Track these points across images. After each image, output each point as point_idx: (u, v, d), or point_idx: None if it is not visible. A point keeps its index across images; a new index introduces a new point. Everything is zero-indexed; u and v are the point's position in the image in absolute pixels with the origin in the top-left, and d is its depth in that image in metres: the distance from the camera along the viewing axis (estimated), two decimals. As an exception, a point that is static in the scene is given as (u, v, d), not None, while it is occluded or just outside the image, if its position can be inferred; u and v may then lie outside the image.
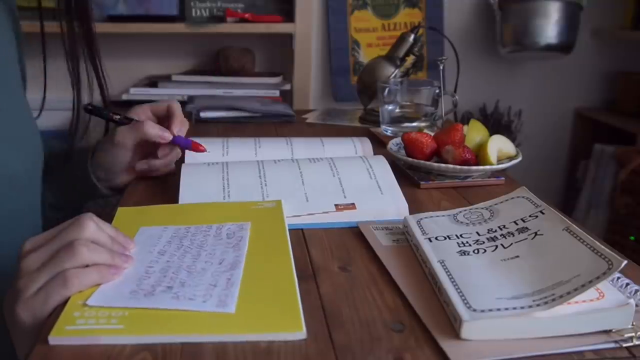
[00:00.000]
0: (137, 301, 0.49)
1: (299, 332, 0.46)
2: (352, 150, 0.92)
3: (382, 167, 0.80)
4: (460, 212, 0.66)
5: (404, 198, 0.73)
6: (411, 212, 0.72)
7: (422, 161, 0.85)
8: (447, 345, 0.45)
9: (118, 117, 0.81)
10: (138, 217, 0.66)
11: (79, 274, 0.50)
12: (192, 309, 0.48)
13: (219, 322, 0.47)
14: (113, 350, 0.44)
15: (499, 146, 0.86)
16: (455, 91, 1.23)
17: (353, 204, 0.72)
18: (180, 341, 0.45)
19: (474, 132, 0.88)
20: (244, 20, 1.59)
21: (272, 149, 0.90)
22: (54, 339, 0.44)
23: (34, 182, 0.78)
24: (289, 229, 0.64)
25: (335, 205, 0.71)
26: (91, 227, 0.53)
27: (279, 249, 0.59)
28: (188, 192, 0.73)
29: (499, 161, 0.85)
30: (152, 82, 1.62)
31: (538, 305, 0.46)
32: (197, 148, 0.82)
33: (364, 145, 0.93)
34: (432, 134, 0.89)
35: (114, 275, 0.52)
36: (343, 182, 0.76)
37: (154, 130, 0.78)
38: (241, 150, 0.88)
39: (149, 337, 0.45)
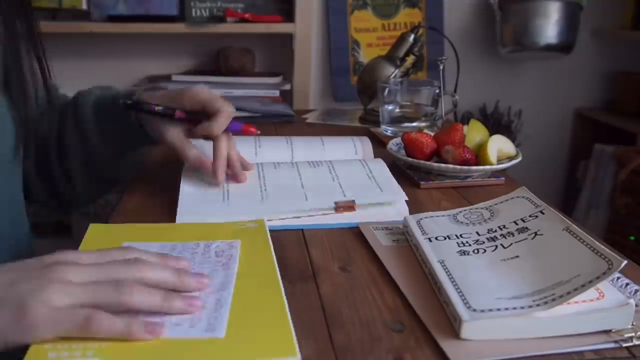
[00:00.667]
0: None
1: (293, 358, 0.42)
2: (352, 149, 0.92)
3: (381, 169, 0.80)
4: (460, 212, 0.66)
5: (403, 198, 0.73)
6: (411, 212, 0.72)
7: (422, 161, 0.85)
8: (447, 345, 0.45)
9: (160, 108, 0.75)
10: (120, 234, 0.61)
11: (110, 322, 0.42)
12: (178, 336, 0.43)
13: (208, 349, 0.42)
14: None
15: (499, 146, 0.86)
16: (455, 91, 1.23)
17: (353, 204, 0.72)
18: None
19: (474, 132, 0.88)
20: (244, 20, 1.59)
21: (272, 147, 0.90)
22: None
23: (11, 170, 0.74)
24: (289, 230, 0.64)
25: (335, 205, 0.71)
26: (146, 269, 0.47)
27: (266, 270, 0.55)
28: (188, 192, 0.73)
29: (499, 161, 0.85)
30: (152, 81, 1.62)
31: (538, 305, 0.46)
32: (248, 130, 0.78)
33: (364, 145, 0.93)
34: (432, 134, 0.89)
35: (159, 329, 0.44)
36: (342, 184, 0.76)
37: (195, 160, 0.75)
38: (240, 149, 0.88)
39: None
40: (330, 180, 0.77)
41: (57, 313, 0.42)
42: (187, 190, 0.73)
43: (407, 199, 0.73)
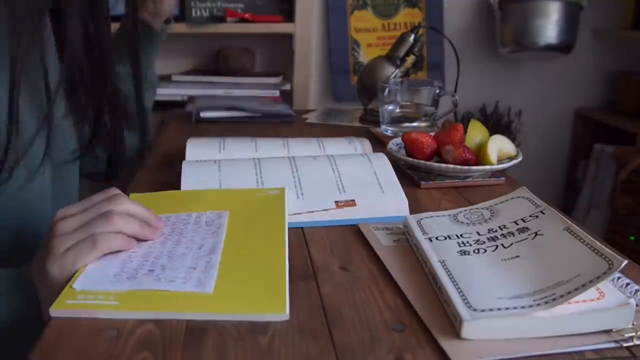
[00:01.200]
0: (120, 284, 0.51)
1: (282, 314, 0.47)
2: (351, 151, 0.92)
3: (383, 164, 0.80)
4: (461, 212, 0.66)
5: (404, 195, 0.73)
6: (411, 212, 0.72)
7: (422, 161, 0.85)
8: (448, 345, 0.45)
9: None
10: (156, 201, 0.68)
11: (107, 237, 0.56)
12: (172, 290, 0.50)
13: (199, 302, 0.49)
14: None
15: (499, 146, 0.86)
16: (455, 91, 1.23)
17: (353, 200, 0.72)
18: (161, 318, 0.48)
19: (474, 132, 0.88)
20: (244, 20, 1.59)
21: (271, 146, 0.90)
22: (55, 311, 0.48)
23: None
24: (289, 228, 0.64)
25: (335, 202, 0.71)
26: (125, 201, 0.59)
27: (275, 235, 0.61)
28: (190, 183, 0.73)
29: (499, 161, 0.85)
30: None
31: (538, 305, 0.46)
32: None
33: (364, 147, 0.93)
34: (432, 133, 0.89)
35: (134, 244, 0.58)
36: (343, 179, 0.75)
37: None
38: (237, 152, 0.88)
39: (140, 313, 0.48)
40: (331, 176, 0.76)
41: (63, 256, 0.55)
42: (189, 183, 0.74)
43: (407, 202, 0.73)
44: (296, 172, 0.76)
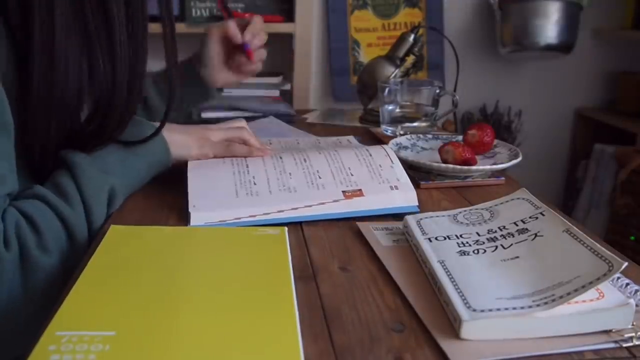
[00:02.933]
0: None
1: None
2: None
3: (386, 154, 0.79)
4: (460, 212, 0.66)
5: (412, 185, 0.73)
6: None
7: (422, 161, 0.85)
8: (447, 345, 0.45)
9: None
10: (140, 235, 0.61)
11: (238, 146, 0.80)
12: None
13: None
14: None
15: None
16: (455, 91, 1.23)
17: (360, 190, 0.72)
18: None
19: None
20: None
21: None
22: None
23: None
24: (301, 222, 0.65)
25: (343, 192, 0.71)
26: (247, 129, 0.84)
27: (281, 291, 0.51)
28: (197, 184, 0.72)
29: (499, 161, 0.85)
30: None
31: (538, 305, 0.46)
32: (249, 54, 1.00)
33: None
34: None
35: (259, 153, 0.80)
36: (348, 170, 0.75)
37: (232, 30, 0.99)
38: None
39: None
40: (339, 169, 0.76)
41: (216, 144, 0.80)
42: (196, 184, 0.73)
43: (415, 193, 0.73)
44: (307, 166, 0.77)
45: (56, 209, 0.64)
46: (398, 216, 0.70)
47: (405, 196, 0.72)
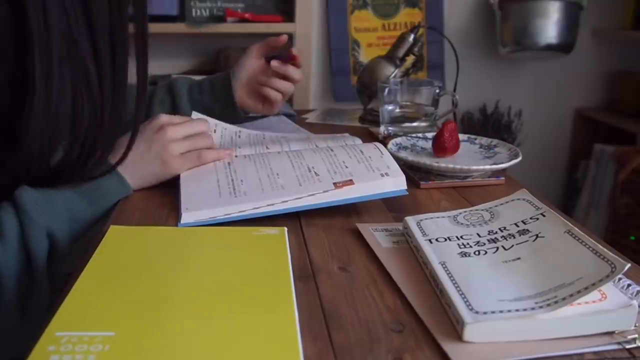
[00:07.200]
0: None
1: None
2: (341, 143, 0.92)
3: (375, 146, 0.80)
4: (461, 213, 0.66)
5: (401, 170, 0.73)
6: (411, 212, 0.71)
7: (422, 161, 0.85)
8: (449, 347, 0.45)
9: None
10: (140, 236, 0.61)
11: (208, 152, 0.77)
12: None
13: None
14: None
15: None
16: (455, 91, 1.22)
17: (351, 180, 0.72)
18: None
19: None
20: (244, 20, 1.59)
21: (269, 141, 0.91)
22: None
23: None
24: (292, 212, 0.65)
25: (334, 183, 0.71)
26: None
27: (280, 291, 0.51)
28: (189, 187, 0.72)
29: (499, 161, 0.85)
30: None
31: (541, 307, 0.46)
32: (293, 57, 1.06)
33: (354, 140, 0.93)
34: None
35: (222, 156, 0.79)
36: (339, 162, 0.76)
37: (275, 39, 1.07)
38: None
39: None
40: (327, 160, 0.77)
41: (181, 157, 0.76)
42: (188, 184, 0.73)
43: (404, 177, 0.73)
44: (296, 158, 0.78)
45: None
46: (387, 199, 0.72)
47: (395, 181, 0.72)
